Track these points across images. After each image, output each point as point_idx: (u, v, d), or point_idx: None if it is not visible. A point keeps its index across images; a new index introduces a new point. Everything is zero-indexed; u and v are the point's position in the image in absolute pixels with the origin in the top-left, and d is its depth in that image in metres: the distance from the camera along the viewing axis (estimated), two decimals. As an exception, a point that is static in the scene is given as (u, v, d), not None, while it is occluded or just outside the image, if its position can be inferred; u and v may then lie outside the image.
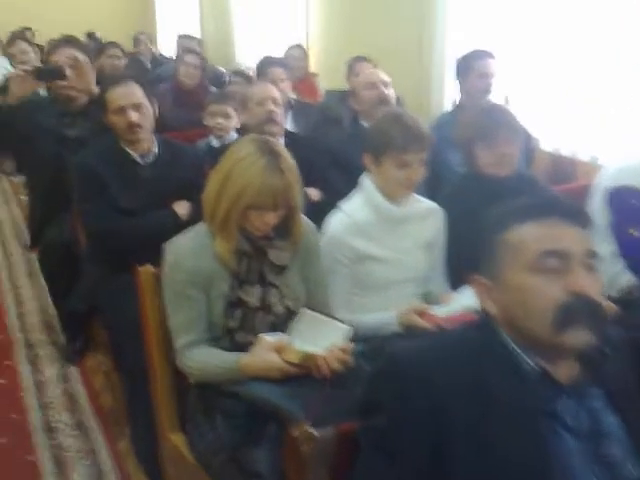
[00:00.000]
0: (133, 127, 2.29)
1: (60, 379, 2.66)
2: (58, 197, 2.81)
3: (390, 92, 2.65)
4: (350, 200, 1.82)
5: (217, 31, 7.18)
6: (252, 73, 4.27)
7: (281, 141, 2.64)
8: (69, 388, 2.60)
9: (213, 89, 4.43)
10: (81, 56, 2.70)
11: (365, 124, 2.71)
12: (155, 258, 2.26)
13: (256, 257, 1.55)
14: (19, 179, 5.68)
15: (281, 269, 1.57)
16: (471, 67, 2.88)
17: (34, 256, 3.87)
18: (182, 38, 5.65)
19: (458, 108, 2.91)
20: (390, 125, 1.69)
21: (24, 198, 5.11)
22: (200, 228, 1.58)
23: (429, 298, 1.80)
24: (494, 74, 2.87)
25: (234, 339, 1.52)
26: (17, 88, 2.61)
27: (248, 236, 1.53)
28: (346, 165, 2.62)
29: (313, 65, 5.12)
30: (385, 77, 2.66)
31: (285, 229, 1.56)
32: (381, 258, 1.75)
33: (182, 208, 2.39)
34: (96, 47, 6.09)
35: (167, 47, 8.76)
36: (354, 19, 4.68)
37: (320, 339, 1.45)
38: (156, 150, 2.41)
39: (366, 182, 1.80)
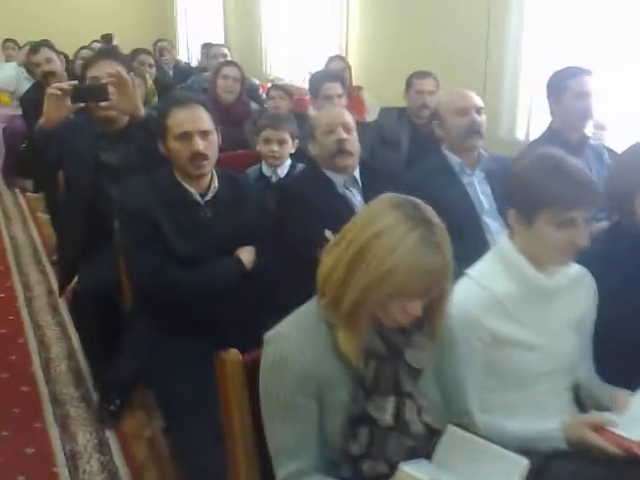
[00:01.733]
0: (199, 159, 1.94)
1: (95, 448, 2.30)
2: (95, 234, 2.46)
3: (483, 119, 2.28)
4: (482, 266, 1.44)
5: (243, 39, 6.83)
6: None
7: (356, 174, 2.27)
8: (105, 462, 2.23)
9: (254, 105, 4.08)
10: (125, 72, 2.33)
11: (450, 155, 2.34)
12: (218, 317, 1.98)
13: (390, 358, 1.17)
14: (36, 195, 5.38)
15: (417, 373, 1.19)
16: (566, 86, 2.49)
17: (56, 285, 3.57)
18: (211, 47, 5.23)
19: (551, 135, 2.54)
20: (550, 175, 1.32)
21: (42, 216, 4.77)
22: (309, 314, 1.20)
23: (584, 393, 1.43)
24: (593, 93, 2.50)
25: (359, 468, 1.14)
26: (53, 110, 2.22)
27: (381, 330, 1.16)
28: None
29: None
30: (479, 102, 2.29)
31: (425, 319, 1.18)
32: (527, 343, 1.37)
33: (247, 255, 2.03)
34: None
35: (185, 55, 8.46)
36: (401, 25, 4.32)
37: (481, 474, 1.07)
38: (216, 185, 2.05)
39: (506, 245, 1.43)
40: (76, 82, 2.27)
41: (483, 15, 3.41)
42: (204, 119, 1.98)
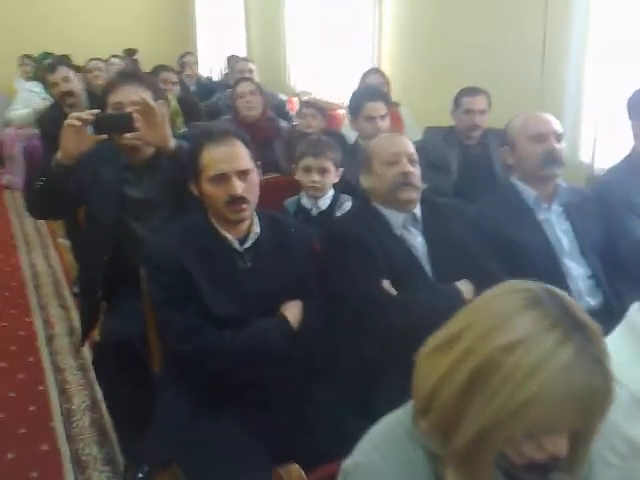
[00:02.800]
0: (238, 203, 1.68)
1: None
2: (120, 275, 2.21)
3: (563, 147, 1.98)
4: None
5: (267, 51, 6.59)
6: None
7: (417, 211, 1.99)
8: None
9: (283, 123, 3.81)
10: (152, 98, 2.07)
11: (522, 186, 2.05)
12: (260, 387, 1.70)
13: None
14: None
15: None
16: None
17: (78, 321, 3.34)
18: (236, 61, 4.95)
19: (634, 159, 2.23)
20: None
21: (63, 242, 4.55)
22: (400, 435, 0.91)
23: None
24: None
25: None
26: (72, 143, 1.96)
27: (507, 468, 0.87)
28: (503, 245, 1.96)
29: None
30: (559, 127, 1.99)
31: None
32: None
33: (294, 313, 1.77)
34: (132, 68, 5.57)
35: (204, 70, 8.23)
36: (440, 36, 4.04)
37: None
38: (258, 230, 1.78)
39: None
40: (98, 111, 2.01)
41: (537, 23, 3.11)
42: (243, 157, 1.72)
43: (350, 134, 3.69)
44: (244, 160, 1.71)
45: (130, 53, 7.70)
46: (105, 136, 1.99)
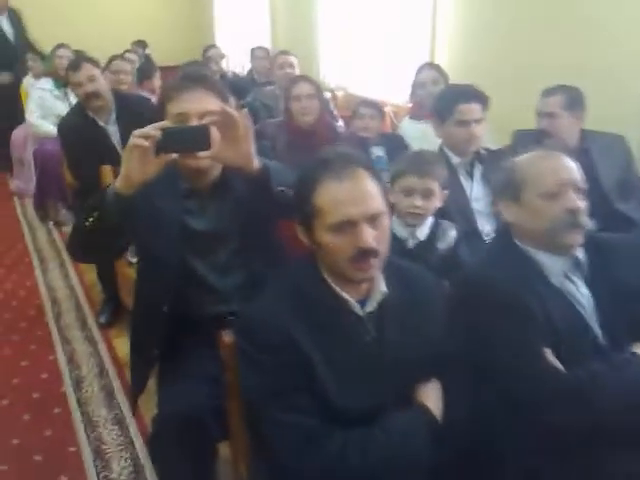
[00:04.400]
0: (366, 257, 1.24)
1: None
2: (183, 331, 1.78)
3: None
4: None
5: (294, 42, 6.07)
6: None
7: (580, 254, 1.51)
8: None
9: (340, 124, 3.34)
10: (229, 106, 1.61)
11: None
12: None
13: None
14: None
15: None
16: None
17: (108, 357, 2.89)
18: (277, 55, 4.40)
19: None
20: None
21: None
22: None
23: None
24: None
25: None
26: (137, 169, 1.47)
27: None
28: None
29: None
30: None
31: None
32: None
33: (436, 399, 1.31)
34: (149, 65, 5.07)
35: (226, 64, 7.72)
36: (520, 23, 3.54)
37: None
38: (384, 289, 1.33)
39: None
40: (165, 124, 1.53)
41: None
42: (373, 196, 1.27)
43: (409, 135, 3.23)
44: (375, 200, 1.26)
45: (140, 46, 7.19)
46: (174, 156, 1.52)
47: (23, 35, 6.34)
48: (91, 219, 1.54)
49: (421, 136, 3.29)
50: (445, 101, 2.42)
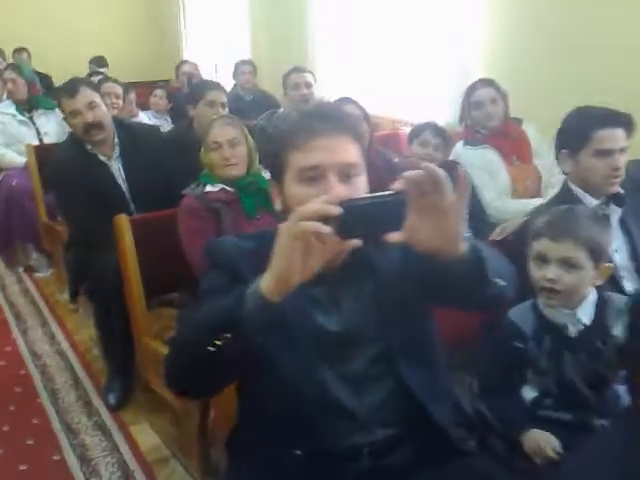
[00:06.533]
0: None
1: None
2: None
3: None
4: None
5: (280, 55, 5.55)
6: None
7: None
8: None
9: (389, 154, 2.85)
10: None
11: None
12: None
13: None
14: (46, 275, 4.03)
15: None
16: None
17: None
18: (290, 73, 3.79)
19: None
20: None
21: (68, 305, 3.48)
22: None
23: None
24: None
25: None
26: (298, 265, 0.98)
27: None
28: None
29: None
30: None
31: None
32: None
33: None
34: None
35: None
36: (573, 25, 3.14)
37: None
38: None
39: None
40: (344, 197, 1.00)
41: None
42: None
43: (468, 163, 2.79)
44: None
45: (99, 63, 6.49)
46: (357, 243, 0.99)
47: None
48: (219, 341, 1.01)
49: (484, 165, 2.87)
50: (578, 127, 1.95)
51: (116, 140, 2.67)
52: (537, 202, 2.78)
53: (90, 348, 3.14)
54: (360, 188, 1.20)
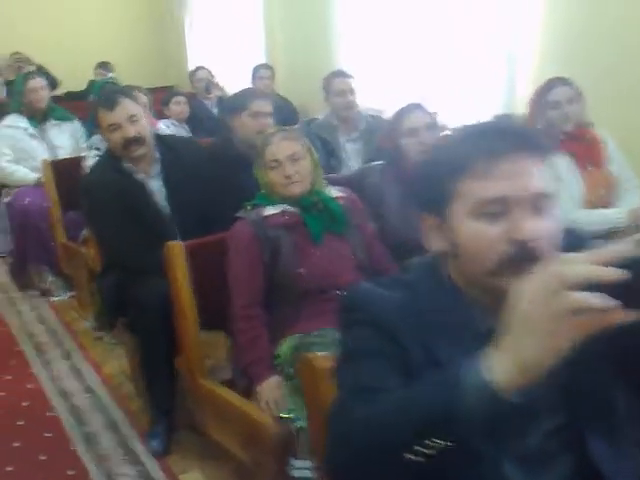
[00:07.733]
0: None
1: None
2: None
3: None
4: None
5: (300, 59, 5.27)
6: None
7: None
8: None
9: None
10: None
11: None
12: None
13: None
14: (65, 298, 3.73)
15: None
16: None
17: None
18: (332, 77, 3.54)
19: None
20: None
21: (93, 333, 3.21)
22: None
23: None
24: None
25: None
26: (549, 349, 0.71)
27: None
28: None
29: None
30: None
31: None
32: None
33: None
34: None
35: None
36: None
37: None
38: None
39: None
40: (628, 246, 0.73)
41: None
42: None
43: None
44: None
45: (105, 68, 6.22)
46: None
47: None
48: (428, 449, 0.73)
49: (556, 173, 2.61)
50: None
51: (157, 156, 2.39)
52: (614, 212, 2.60)
53: (122, 382, 2.85)
54: (556, 225, 0.94)
